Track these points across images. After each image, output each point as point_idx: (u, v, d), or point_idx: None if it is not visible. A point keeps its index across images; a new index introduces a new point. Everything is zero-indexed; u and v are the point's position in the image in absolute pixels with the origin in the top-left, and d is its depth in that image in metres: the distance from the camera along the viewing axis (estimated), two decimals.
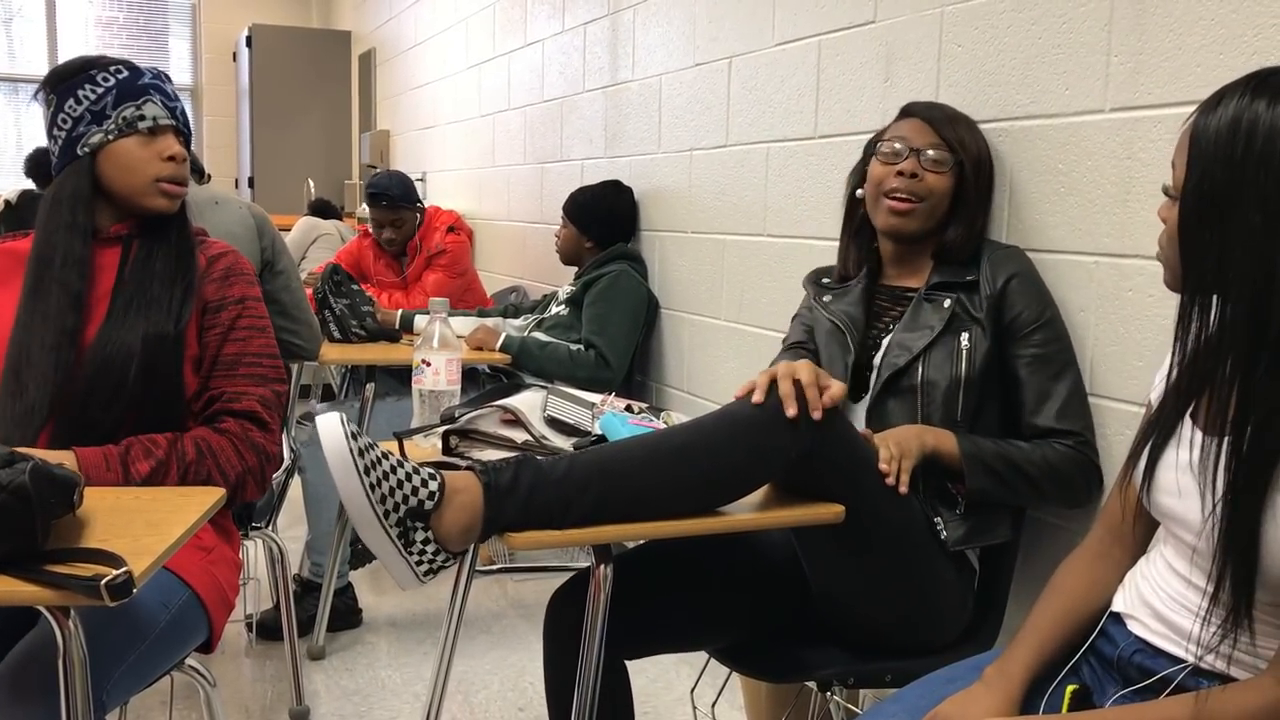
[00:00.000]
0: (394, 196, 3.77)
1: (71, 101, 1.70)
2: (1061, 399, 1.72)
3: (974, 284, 1.78)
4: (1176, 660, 1.19)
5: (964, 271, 1.80)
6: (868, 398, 1.79)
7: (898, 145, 1.83)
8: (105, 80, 1.71)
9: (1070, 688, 1.27)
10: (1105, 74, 1.76)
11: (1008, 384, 1.76)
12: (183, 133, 1.78)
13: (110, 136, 1.70)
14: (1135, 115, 1.71)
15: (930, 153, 1.81)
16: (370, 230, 3.90)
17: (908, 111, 1.90)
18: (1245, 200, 1.05)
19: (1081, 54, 1.80)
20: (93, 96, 1.70)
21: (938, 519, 1.69)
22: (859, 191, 1.91)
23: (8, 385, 1.63)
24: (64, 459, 1.51)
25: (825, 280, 2.00)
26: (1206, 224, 1.08)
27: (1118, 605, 1.29)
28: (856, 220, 1.96)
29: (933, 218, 1.83)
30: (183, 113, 1.80)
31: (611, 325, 3.11)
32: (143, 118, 1.72)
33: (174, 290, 1.71)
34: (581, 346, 3.10)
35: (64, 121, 1.71)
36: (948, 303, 1.77)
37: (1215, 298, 1.10)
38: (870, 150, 1.92)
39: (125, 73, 1.73)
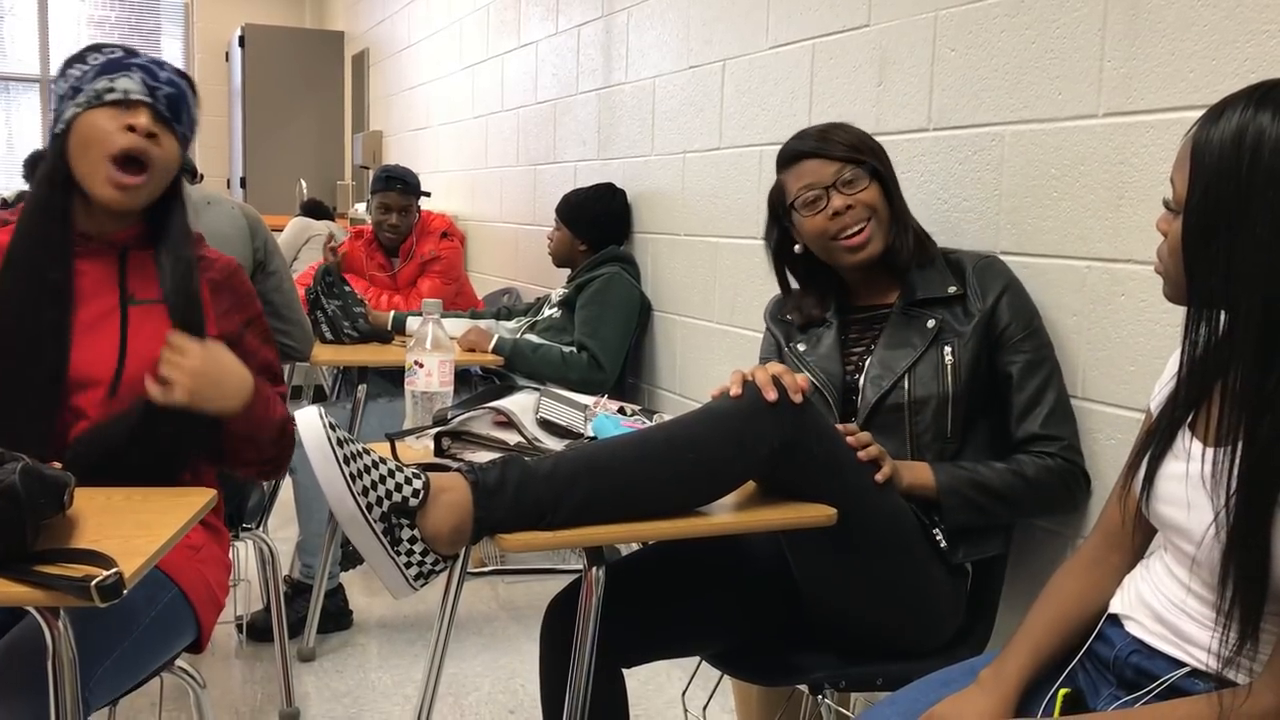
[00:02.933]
0: (409, 183, 3.82)
1: (61, 80, 1.64)
2: (1049, 406, 1.73)
3: (957, 298, 1.78)
4: (1174, 662, 1.19)
5: (943, 284, 1.80)
6: (855, 422, 1.79)
7: (812, 194, 1.81)
8: (95, 59, 1.63)
9: (1062, 691, 1.27)
10: (1099, 79, 1.76)
11: (999, 390, 1.76)
12: (163, 117, 1.62)
13: (79, 109, 1.60)
14: (1128, 120, 1.71)
15: (845, 177, 1.80)
16: (374, 218, 3.90)
17: (790, 158, 1.86)
18: (1252, 214, 1.04)
19: (1075, 59, 1.81)
20: (77, 75, 1.63)
21: (936, 530, 1.69)
22: (797, 247, 1.89)
23: None
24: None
25: (790, 318, 1.96)
26: (1211, 238, 1.08)
27: (1115, 606, 1.29)
28: (801, 272, 1.94)
29: (887, 226, 1.82)
30: (169, 99, 1.63)
31: (604, 328, 3.11)
32: (112, 90, 1.59)
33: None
34: (574, 349, 3.10)
35: (54, 101, 1.65)
36: (931, 322, 1.77)
37: (1221, 310, 1.10)
38: (778, 211, 1.90)
39: (117, 53, 1.64)
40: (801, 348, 1.90)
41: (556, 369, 3.04)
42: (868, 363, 1.80)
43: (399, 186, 3.81)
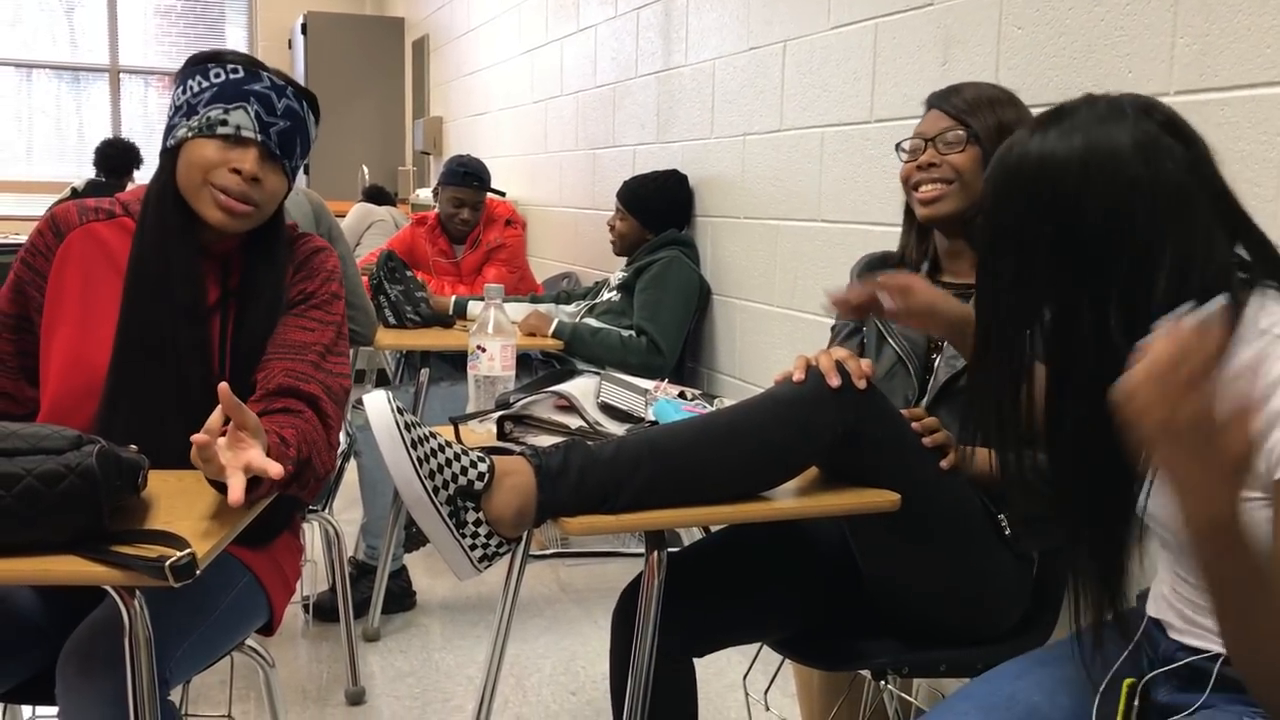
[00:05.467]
0: (484, 180, 3.84)
1: (180, 89, 1.63)
2: None
3: None
4: (1212, 654, 1.20)
5: None
6: (923, 403, 1.77)
7: (914, 141, 1.81)
8: (216, 76, 1.61)
9: (1127, 681, 1.25)
10: (1170, 56, 1.72)
11: None
12: (273, 154, 1.62)
13: (190, 134, 1.59)
14: (1202, 98, 1.67)
15: (946, 136, 1.78)
16: (445, 210, 3.91)
17: (927, 104, 1.86)
18: None
19: (1146, 35, 1.77)
20: (196, 89, 1.61)
21: (1001, 516, 1.67)
22: None
23: (118, 402, 1.56)
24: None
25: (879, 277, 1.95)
26: None
27: (1154, 611, 1.30)
28: (916, 223, 1.93)
29: (969, 196, 1.80)
30: (282, 135, 1.62)
31: (663, 311, 3.11)
32: (225, 123, 1.58)
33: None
34: (633, 333, 3.10)
35: (170, 109, 1.64)
36: None
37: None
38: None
39: (239, 73, 1.61)
40: None
41: (615, 353, 3.04)
42: (945, 342, 1.78)
43: (475, 184, 3.82)
